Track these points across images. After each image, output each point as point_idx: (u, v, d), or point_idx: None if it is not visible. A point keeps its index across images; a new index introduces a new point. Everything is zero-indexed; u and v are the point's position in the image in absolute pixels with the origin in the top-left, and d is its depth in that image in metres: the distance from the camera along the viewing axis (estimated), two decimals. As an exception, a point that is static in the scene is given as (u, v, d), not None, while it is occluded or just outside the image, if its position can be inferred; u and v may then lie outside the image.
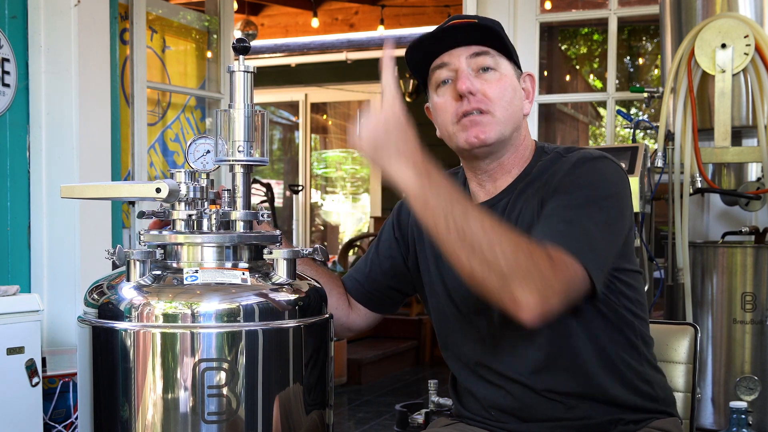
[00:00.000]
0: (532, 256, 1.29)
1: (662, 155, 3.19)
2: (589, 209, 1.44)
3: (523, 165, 1.61)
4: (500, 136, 1.55)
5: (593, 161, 1.52)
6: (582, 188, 1.47)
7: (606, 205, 1.46)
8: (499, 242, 1.28)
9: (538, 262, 1.30)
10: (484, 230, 1.28)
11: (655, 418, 1.60)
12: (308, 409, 1.31)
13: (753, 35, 2.99)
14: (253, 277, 1.29)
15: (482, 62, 1.54)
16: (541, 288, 1.29)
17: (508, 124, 1.55)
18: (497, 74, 1.55)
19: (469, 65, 1.55)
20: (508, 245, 1.28)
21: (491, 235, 1.28)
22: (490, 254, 1.27)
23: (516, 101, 1.57)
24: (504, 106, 1.54)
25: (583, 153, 1.55)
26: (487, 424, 1.64)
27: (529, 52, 4.30)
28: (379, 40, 8.36)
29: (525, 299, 1.28)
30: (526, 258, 1.29)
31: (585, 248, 1.37)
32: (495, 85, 1.54)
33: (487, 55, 1.55)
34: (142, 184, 1.31)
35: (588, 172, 1.50)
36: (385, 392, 5.45)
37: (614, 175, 1.51)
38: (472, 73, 1.54)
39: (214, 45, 4.75)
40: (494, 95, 1.53)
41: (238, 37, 1.62)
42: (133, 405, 1.23)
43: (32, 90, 3.32)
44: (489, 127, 1.53)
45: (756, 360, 2.99)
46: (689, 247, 3.10)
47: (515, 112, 1.57)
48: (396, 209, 1.81)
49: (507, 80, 1.56)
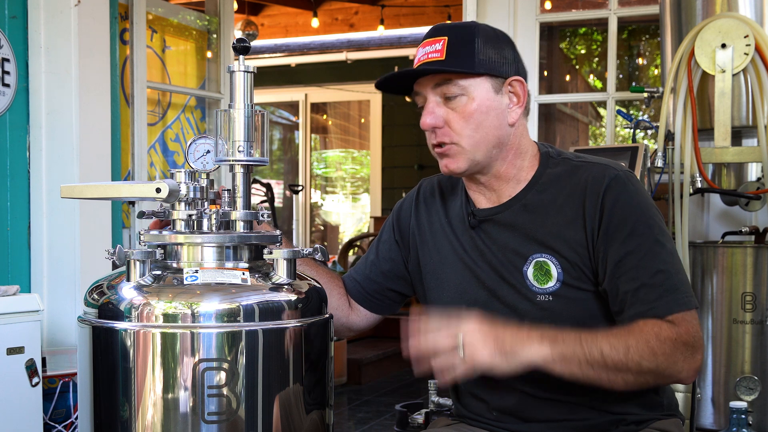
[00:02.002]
0: (664, 342, 1.42)
1: (662, 155, 3.19)
2: (662, 249, 1.50)
3: (528, 172, 1.60)
4: (471, 163, 1.57)
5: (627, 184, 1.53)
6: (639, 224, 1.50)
7: (662, 229, 1.53)
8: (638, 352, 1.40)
9: (672, 342, 1.43)
10: (621, 353, 1.40)
11: (657, 418, 1.60)
12: (308, 409, 1.31)
13: (753, 35, 2.99)
14: (253, 277, 1.29)
15: (447, 91, 1.55)
16: (687, 357, 1.43)
17: (479, 148, 1.56)
18: (464, 99, 1.54)
19: (435, 94, 1.56)
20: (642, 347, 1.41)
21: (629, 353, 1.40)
22: (638, 367, 1.40)
23: (489, 121, 1.55)
24: (470, 134, 1.54)
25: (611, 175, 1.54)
26: (488, 425, 1.63)
27: (529, 52, 4.30)
28: (379, 40, 8.37)
29: (682, 375, 1.45)
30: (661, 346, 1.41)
31: (685, 294, 1.48)
32: (460, 113, 1.54)
33: (450, 83, 1.54)
34: (142, 184, 1.31)
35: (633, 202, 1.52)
36: (385, 392, 5.45)
37: (644, 190, 1.58)
38: (440, 101, 1.55)
39: (214, 45, 4.75)
40: (458, 125, 1.54)
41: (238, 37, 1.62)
42: (133, 405, 1.23)
43: (32, 90, 3.32)
44: (457, 158, 1.56)
45: (756, 360, 2.99)
46: (689, 247, 3.10)
47: (488, 134, 1.56)
48: (395, 210, 1.80)
49: (475, 103, 1.54)
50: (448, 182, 1.73)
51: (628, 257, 1.48)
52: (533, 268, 1.54)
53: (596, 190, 1.52)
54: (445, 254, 1.66)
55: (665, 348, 1.41)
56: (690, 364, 1.43)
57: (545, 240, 1.54)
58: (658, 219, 1.53)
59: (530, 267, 1.55)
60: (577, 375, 1.40)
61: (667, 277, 1.47)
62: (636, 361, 1.39)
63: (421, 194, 1.76)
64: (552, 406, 1.56)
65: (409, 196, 1.79)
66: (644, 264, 1.48)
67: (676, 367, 1.42)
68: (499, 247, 1.58)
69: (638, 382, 1.43)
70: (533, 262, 1.54)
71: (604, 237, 1.50)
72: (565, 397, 1.55)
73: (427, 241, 1.70)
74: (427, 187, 1.76)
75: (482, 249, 1.61)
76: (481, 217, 1.62)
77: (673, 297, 1.46)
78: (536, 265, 1.54)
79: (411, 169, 8.41)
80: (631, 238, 1.49)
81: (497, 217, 1.59)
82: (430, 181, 1.77)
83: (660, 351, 1.40)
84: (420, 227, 1.72)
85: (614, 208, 1.51)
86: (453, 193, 1.71)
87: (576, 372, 1.40)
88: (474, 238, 1.62)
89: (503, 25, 4.21)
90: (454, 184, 1.72)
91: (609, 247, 1.50)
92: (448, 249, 1.66)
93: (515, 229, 1.57)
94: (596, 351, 1.39)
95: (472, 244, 1.62)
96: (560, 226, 1.53)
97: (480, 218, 1.62)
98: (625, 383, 1.42)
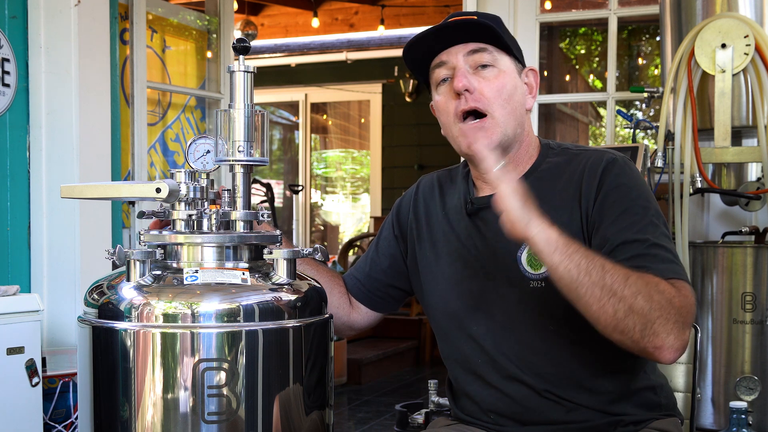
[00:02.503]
0: (662, 293, 1.35)
1: (662, 155, 3.19)
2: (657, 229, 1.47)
3: (529, 161, 1.61)
4: (503, 137, 1.55)
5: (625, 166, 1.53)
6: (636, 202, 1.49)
7: (658, 214, 1.50)
8: (639, 288, 1.33)
9: (669, 298, 1.35)
10: (624, 279, 1.33)
11: (656, 418, 1.60)
12: (308, 409, 1.31)
13: (753, 35, 2.99)
14: (253, 277, 1.29)
15: (480, 59, 1.54)
16: (676, 322, 1.34)
17: (509, 122, 1.55)
18: (495, 70, 1.55)
19: (466, 63, 1.55)
20: (644, 288, 1.33)
21: (632, 284, 1.33)
22: (633, 301, 1.32)
23: (516, 97, 1.57)
24: (501, 103, 1.54)
25: (609, 158, 1.55)
26: (486, 427, 1.63)
27: (529, 52, 4.29)
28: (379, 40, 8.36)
29: (670, 341, 1.33)
30: (661, 297, 1.34)
31: (682, 269, 1.43)
32: (493, 82, 1.54)
33: (485, 51, 1.54)
34: (142, 184, 1.31)
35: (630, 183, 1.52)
36: (385, 392, 5.44)
37: (642, 177, 1.56)
38: (470, 71, 1.54)
39: (214, 45, 4.75)
40: (491, 93, 1.54)
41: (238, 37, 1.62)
42: (133, 405, 1.23)
43: (32, 90, 3.31)
44: (491, 131, 1.54)
45: (756, 360, 2.99)
46: (689, 247, 3.10)
47: (515, 108, 1.57)
48: (395, 207, 1.80)
49: (506, 76, 1.55)
50: (447, 177, 1.74)
51: (625, 230, 1.46)
52: (527, 252, 1.54)
53: (594, 171, 1.53)
54: (440, 247, 1.66)
55: (662, 299, 1.34)
56: (678, 332, 1.34)
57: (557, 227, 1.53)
58: (653, 203, 1.51)
59: (524, 252, 1.54)
60: (573, 276, 1.32)
61: (664, 251, 1.44)
62: (632, 292, 1.32)
63: (420, 190, 1.77)
64: (551, 408, 1.56)
65: (409, 192, 1.79)
66: (641, 238, 1.45)
67: (666, 326, 1.33)
68: (494, 234, 1.57)
69: (627, 320, 1.33)
70: (528, 247, 1.53)
71: (598, 215, 1.49)
72: (565, 401, 1.55)
73: (424, 235, 1.71)
74: (426, 183, 1.77)
75: (477, 237, 1.61)
76: (479, 204, 1.62)
77: (672, 266, 1.42)
78: (531, 250, 1.53)
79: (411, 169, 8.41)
80: (628, 214, 1.47)
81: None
82: (430, 177, 1.78)
83: (657, 299, 1.33)
84: (418, 222, 1.73)
85: (611, 187, 1.50)
86: (452, 186, 1.71)
87: (572, 272, 1.32)
88: (469, 227, 1.62)
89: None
90: (453, 178, 1.72)
91: (601, 224, 1.48)
92: (443, 242, 1.66)
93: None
94: (599, 263, 1.33)
95: (467, 233, 1.62)
96: (557, 210, 1.52)
97: (478, 205, 1.62)
98: (613, 313, 1.32)
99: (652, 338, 1.33)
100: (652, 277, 1.37)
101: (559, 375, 1.55)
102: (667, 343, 1.33)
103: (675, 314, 1.34)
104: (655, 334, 1.33)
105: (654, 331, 1.32)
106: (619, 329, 1.34)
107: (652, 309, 1.32)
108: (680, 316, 1.35)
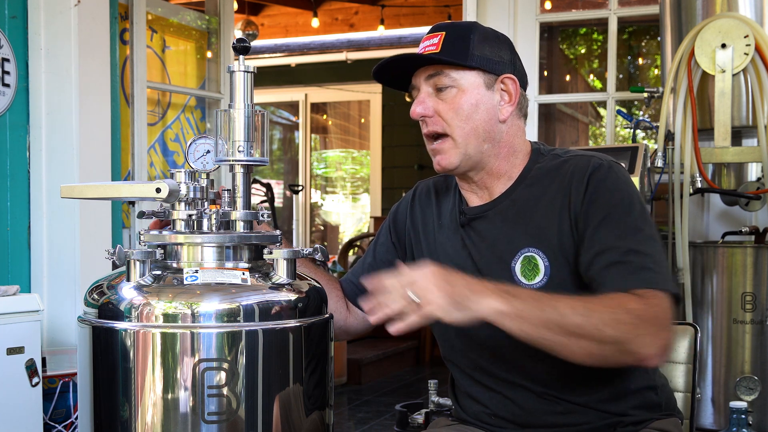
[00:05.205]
0: (630, 313, 1.35)
1: (662, 155, 3.19)
2: (638, 233, 1.47)
3: (518, 169, 1.61)
4: (463, 158, 1.57)
5: (609, 171, 1.53)
6: (617, 208, 1.49)
7: (643, 217, 1.50)
8: (600, 319, 1.33)
9: (639, 314, 1.35)
10: (583, 316, 1.33)
11: (655, 418, 1.60)
12: (308, 409, 1.31)
13: (753, 35, 2.99)
14: (253, 277, 1.29)
15: (438, 82, 1.57)
16: (654, 334, 1.35)
17: (469, 141, 1.57)
18: (454, 91, 1.56)
19: (428, 85, 1.58)
20: (607, 316, 1.34)
21: (591, 317, 1.33)
22: (599, 334, 1.33)
23: (479, 114, 1.57)
24: (459, 124, 1.56)
25: (595, 164, 1.54)
26: (487, 429, 1.63)
27: (529, 52, 4.30)
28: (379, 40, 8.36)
29: (645, 351, 1.35)
30: (628, 316, 1.34)
31: (659, 274, 1.43)
32: (450, 103, 1.56)
33: (441, 74, 1.57)
34: (142, 184, 1.31)
35: (613, 188, 1.51)
36: (385, 392, 5.44)
37: (629, 180, 1.55)
38: (433, 92, 1.58)
39: (214, 45, 4.75)
40: (448, 115, 1.56)
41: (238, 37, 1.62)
42: (133, 405, 1.23)
43: (32, 90, 3.32)
44: (449, 153, 1.57)
45: (756, 360, 2.99)
46: (689, 247, 3.10)
47: (478, 126, 1.57)
48: (392, 213, 1.81)
49: (465, 95, 1.56)
50: (443, 184, 1.74)
51: (604, 238, 1.47)
52: (521, 263, 1.54)
53: (581, 176, 1.53)
54: (435, 256, 1.66)
55: (630, 318, 1.34)
56: (655, 340, 1.35)
57: (533, 233, 1.54)
58: (638, 207, 1.51)
59: (518, 262, 1.55)
60: (533, 336, 1.33)
61: (640, 257, 1.44)
62: (597, 327, 1.32)
63: (417, 196, 1.77)
64: (551, 411, 1.56)
65: (406, 198, 1.80)
66: (618, 245, 1.45)
67: (640, 340, 1.34)
68: (487, 245, 1.59)
69: (601, 353, 1.34)
70: (521, 257, 1.54)
71: (584, 221, 1.50)
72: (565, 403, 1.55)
73: (421, 242, 1.71)
74: (423, 189, 1.77)
75: (470, 248, 1.61)
76: (471, 215, 1.62)
77: (645, 275, 1.42)
78: (524, 260, 1.54)
79: (411, 169, 8.41)
80: (609, 221, 1.48)
81: (487, 214, 1.60)
82: (426, 183, 1.79)
83: (624, 320, 1.34)
84: (415, 228, 1.73)
85: (596, 192, 1.51)
86: (446, 194, 1.72)
87: (531, 332, 1.32)
88: (463, 238, 1.63)
89: (503, 25, 4.21)
90: (448, 186, 1.73)
91: (586, 231, 1.49)
92: (439, 250, 1.67)
93: (504, 225, 1.58)
94: (555, 312, 1.32)
95: (461, 243, 1.63)
96: (548, 218, 1.53)
97: (470, 216, 1.63)
98: (586, 353, 1.34)
99: (630, 357, 1.36)
100: (618, 298, 1.38)
101: (557, 377, 1.55)
102: (648, 354, 1.36)
103: (647, 327, 1.36)
104: (632, 353, 1.35)
105: (629, 350, 1.35)
106: (596, 361, 1.38)
107: (621, 333, 1.34)
108: (653, 326, 1.36)
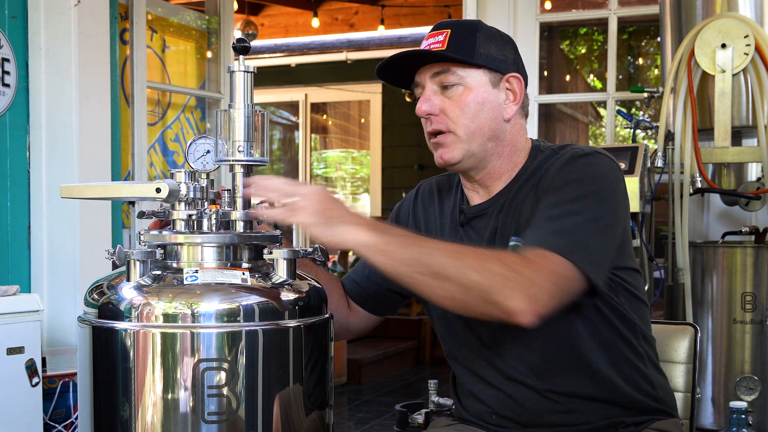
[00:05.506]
0: (504, 263, 1.33)
1: (662, 155, 3.19)
2: (577, 204, 1.45)
3: (517, 167, 1.62)
4: (465, 154, 1.57)
5: (584, 157, 1.53)
6: (571, 184, 1.48)
7: (596, 199, 1.47)
8: (467, 263, 1.32)
9: (513, 266, 1.33)
10: (450, 258, 1.32)
11: (656, 419, 1.60)
12: (308, 409, 1.31)
13: (753, 35, 2.99)
14: (253, 277, 1.29)
15: (444, 80, 1.57)
16: (525, 288, 1.32)
17: (474, 138, 1.56)
18: (460, 89, 1.56)
19: (433, 83, 1.58)
20: (476, 262, 1.32)
21: (459, 260, 1.32)
22: (464, 278, 1.31)
23: (485, 113, 1.57)
24: (466, 123, 1.55)
25: (575, 149, 1.55)
26: (488, 428, 1.63)
27: (529, 52, 4.29)
28: (379, 40, 8.36)
29: (513, 304, 1.31)
30: (500, 266, 1.32)
31: (571, 243, 1.40)
32: (456, 101, 1.56)
33: (448, 72, 1.56)
34: (142, 184, 1.31)
35: (579, 167, 1.51)
36: (385, 392, 5.45)
37: (606, 169, 1.52)
38: (438, 90, 1.57)
39: (214, 45, 4.75)
40: (454, 113, 1.56)
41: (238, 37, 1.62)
42: (133, 405, 1.23)
43: (32, 90, 3.32)
44: (452, 147, 1.57)
45: (756, 360, 2.99)
46: (689, 247, 3.10)
47: (483, 124, 1.57)
48: (394, 212, 1.81)
49: (472, 93, 1.56)
50: (446, 183, 1.74)
51: (540, 211, 1.47)
52: None
53: (558, 161, 1.54)
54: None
55: (501, 269, 1.32)
56: (523, 296, 1.31)
57: (523, 224, 1.53)
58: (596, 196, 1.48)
59: None
60: (399, 272, 1.33)
61: (558, 224, 1.42)
62: (462, 270, 1.31)
63: (419, 195, 1.77)
64: (552, 408, 1.56)
65: (408, 197, 1.80)
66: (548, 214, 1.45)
67: (507, 292, 1.30)
68: (483, 242, 1.59)
69: (464, 298, 1.33)
70: (508, 248, 1.53)
71: (543, 196, 1.50)
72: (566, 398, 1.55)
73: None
74: (426, 188, 1.77)
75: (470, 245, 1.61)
76: (470, 214, 1.63)
77: (551, 240, 1.40)
78: (511, 250, 1.52)
79: (411, 169, 8.41)
80: (554, 196, 1.47)
81: (486, 212, 1.61)
82: (429, 182, 1.79)
83: (494, 270, 1.32)
84: (417, 227, 1.73)
85: (560, 172, 1.51)
86: (449, 193, 1.72)
87: (397, 268, 1.32)
88: (462, 237, 1.63)
89: (503, 25, 4.21)
90: (450, 185, 1.73)
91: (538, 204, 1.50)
92: None
93: (498, 221, 1.58)
94: (421, 251, 1.32)
95: (461, 242, 1.63)
96: (532, 207, 1.53)
97: (469, 216, 1.63)
98: (448, 295, 1.33)
99: (496, 308, 1.32)
100: (502, 252, 1.39)
101: (559, 373, 1.55)
102: (514, 308, 1.31)
103: (519, 281, 1.32)
104: (496, 303, 1.31)
105: (493, 300, 1.31)
106: (459, 306, 1.37)
107: (486, 280, 1.31)
108: (529, 282, 1.33)
